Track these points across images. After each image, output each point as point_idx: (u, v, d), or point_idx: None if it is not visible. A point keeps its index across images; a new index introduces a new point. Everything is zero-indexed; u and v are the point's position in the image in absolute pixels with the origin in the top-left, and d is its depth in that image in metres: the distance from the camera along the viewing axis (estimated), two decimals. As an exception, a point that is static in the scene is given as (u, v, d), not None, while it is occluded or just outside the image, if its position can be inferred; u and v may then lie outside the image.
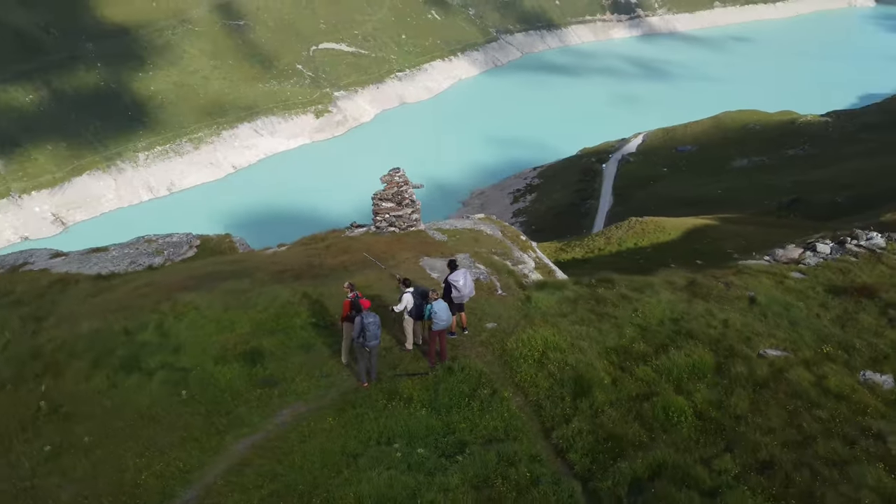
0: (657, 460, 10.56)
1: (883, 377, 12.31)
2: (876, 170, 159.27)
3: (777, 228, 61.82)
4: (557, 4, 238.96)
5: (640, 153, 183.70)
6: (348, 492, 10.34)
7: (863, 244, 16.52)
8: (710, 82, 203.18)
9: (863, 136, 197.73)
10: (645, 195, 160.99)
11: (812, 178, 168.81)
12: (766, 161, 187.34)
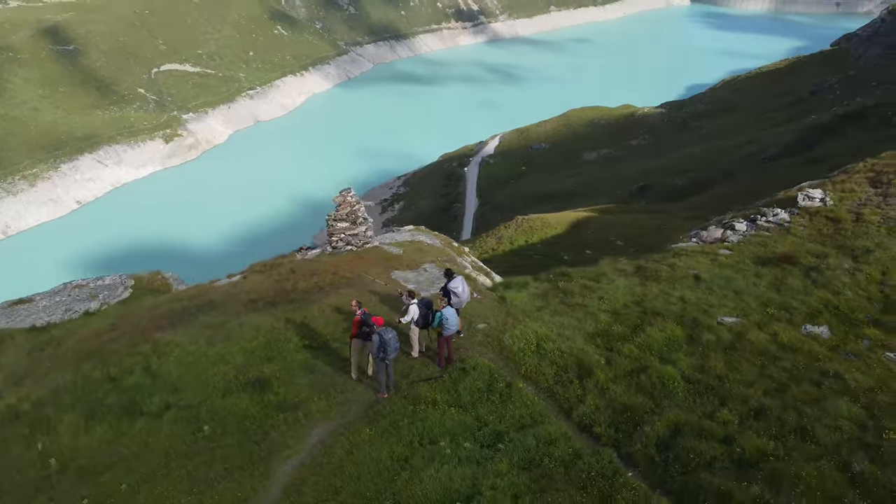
0: (673, 421, 12.26)
1: (820, 328, 14.78)
2: (706, 153, 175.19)
3: (645, 214, 67.34)
4: (403, 15, 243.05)
5: (498, 154, 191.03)
6: (415, 490, 11.22)
7: (771, 220, 19.35)
8: (557, 83, 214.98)
9: (693, 123, 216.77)
10: (507, 194, 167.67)
11: (655, 165, 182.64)
12: (613, 153, 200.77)
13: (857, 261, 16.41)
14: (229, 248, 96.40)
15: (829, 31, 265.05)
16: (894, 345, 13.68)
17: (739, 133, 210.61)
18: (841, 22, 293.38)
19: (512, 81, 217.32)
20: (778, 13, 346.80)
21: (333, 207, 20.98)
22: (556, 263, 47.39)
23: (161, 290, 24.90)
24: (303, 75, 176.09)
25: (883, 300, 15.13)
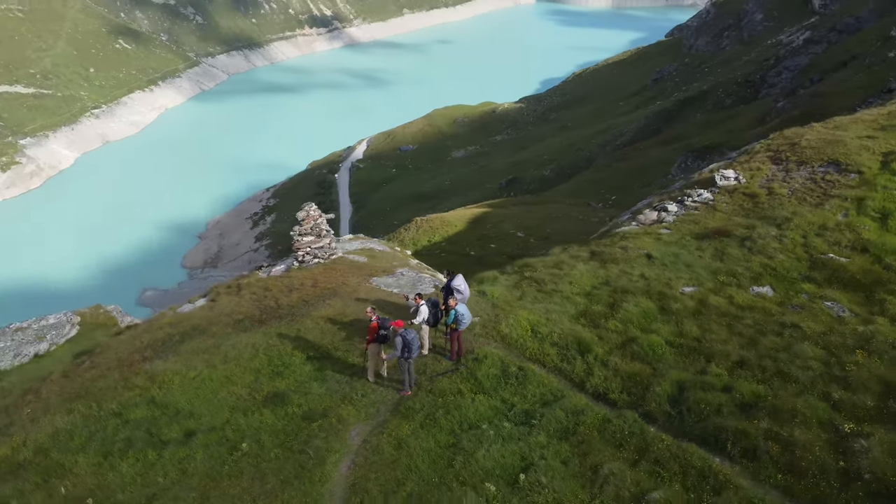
0: (675, 379, 14.14)
1: (765, 288, 17.29)
2: (563, 144, 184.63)
3: (533, 206, 70.88)
4: (255, 23, 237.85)
5: (367, 158, 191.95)
6: (475, 470, 12.37)
7: (697, 200, 21.96)
8: (420, 84, 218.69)
9: (551, 115, 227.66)
10: (381, 197, 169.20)
11: (520, 158, 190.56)
12: (480, 149, 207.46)
13: (780, 228, 19.18)
14: (92, 282, 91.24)
15: (664, 23, 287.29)
16: (828, 295, 16.34)
17: (595, 122, 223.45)
18: (672, 14, 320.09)
19: (377, 85, 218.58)
20: (618, 8, 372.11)
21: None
22: (464, 259, 49.36)
23: (107, 325, 24.19)
24: (153, 90, 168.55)
25: (808, 259, 17.89)
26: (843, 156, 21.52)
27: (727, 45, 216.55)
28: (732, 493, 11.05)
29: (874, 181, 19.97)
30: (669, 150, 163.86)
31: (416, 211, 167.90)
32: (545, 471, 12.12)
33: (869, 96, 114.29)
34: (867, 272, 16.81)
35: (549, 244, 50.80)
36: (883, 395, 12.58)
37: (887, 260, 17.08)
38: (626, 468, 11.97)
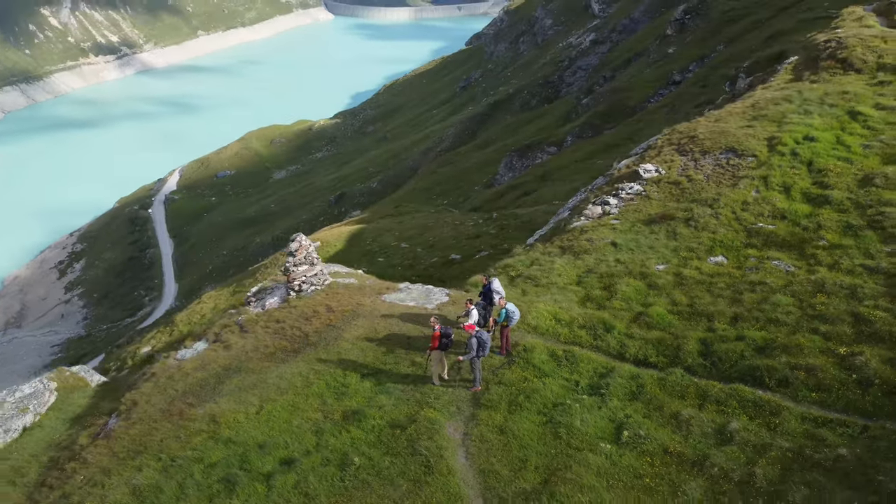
0: (696, 338, 17.29)
1: (719, 258, 21.10)
2: (386, 155, 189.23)
3: (399, 216, 73.08)
4: (29, 55, 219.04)
5: (182, 189, 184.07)
6: (582, 437, 14.64)
7: (630, 192, 25.56)
8: (231, 107, 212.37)
9: (368, 128, 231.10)
10: (204, 227, 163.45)
11: (345, 173, 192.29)
12: (301, 168, 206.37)
13: (712, 207, 23.24)
14: None
15: (462, 32, 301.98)
16: (772, 256, 20.41)
17: (413, 131, 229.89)
18: (468, 23, 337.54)
19: (185, 111, 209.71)
20: (418, 20, 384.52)
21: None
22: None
23: (80, 386, 23.27)
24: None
25: (744, 230, 22.00)
26: (736, 143, 26.24)
27: (524, 49, 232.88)
28: (787, 413, 14.27)
29: (769, 162, 24.74)
30: (490, 152, 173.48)
31: (245, 237, 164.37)
32: (637, 426, 14.66)
33: (660, 88, 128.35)
34: (792, 234, 21.15)
35: (437, 252, 53.58)
36: (854, 323, 16.50)
37: (803, 223, 21.56)
38: (697, 412, 14.84)
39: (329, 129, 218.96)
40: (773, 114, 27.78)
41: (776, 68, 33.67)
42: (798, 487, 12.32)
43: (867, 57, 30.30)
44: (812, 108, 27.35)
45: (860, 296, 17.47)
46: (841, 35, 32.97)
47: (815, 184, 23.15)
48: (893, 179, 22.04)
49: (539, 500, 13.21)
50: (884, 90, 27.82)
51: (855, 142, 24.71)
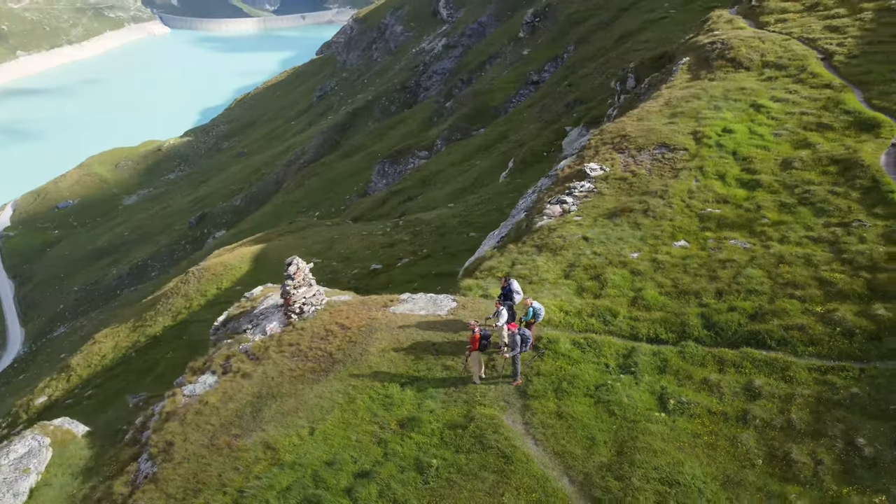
0: (695, 313, 19.65)
1: (682, 242, 23.82)
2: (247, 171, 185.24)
3: (295, 233, 72.23)
4: None
5: (18, 224, 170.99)
6: (632, 410, 16.51)
7: (583, 190, 27.84)
8: (69, 130, 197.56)
9: (224, 144, 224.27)
10: (49, 263, 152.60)
11: (204, 193, 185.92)
12: (154, 191, 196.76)
13: (663, 198, 26.01)
14: None
15: (311, 41, 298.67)
16: (728, 236, 23.36)
17: (272, 144, 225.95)
18: (316, 32, 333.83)
19: (14, 139, 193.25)
20: (264, 30, 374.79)
21: (285, 278, 22.46)
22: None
23: (68, 439, 22.26)
24: None
25: (696, 216, 24.89)
26: (666, 139, 29.35)
27: (378, 56, 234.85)
28: (794, 367, 16.90)
29: (700, 154, 27.97)
30: (357, 160, 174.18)
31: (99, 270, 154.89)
32: (677, 395, 16.75)
33: (519, 88, 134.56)
34: (739, 216, 24.27)
35: (355, 264, 54.06)
36: (820, 285, 19.55)
37: (744, 205, 24.77)
38: (721, 376, 17.17)
39: (181, 148, 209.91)
40: (689, 110, 31.25)
41: (672, 69, 37.53)
42: (833, 424, 14.85)
43: (752, 56, 34.69)
44: (721, 104, 31.07)
45: (815, 262, 20.63)
46: (723, 37, 37.39)
47: (744, 170, 26.54)
48: (808, 162, 25.80)
49: (621, 468, 14.90)
50: (773, 84, 32.11)
51: (766, 131, 28.49)
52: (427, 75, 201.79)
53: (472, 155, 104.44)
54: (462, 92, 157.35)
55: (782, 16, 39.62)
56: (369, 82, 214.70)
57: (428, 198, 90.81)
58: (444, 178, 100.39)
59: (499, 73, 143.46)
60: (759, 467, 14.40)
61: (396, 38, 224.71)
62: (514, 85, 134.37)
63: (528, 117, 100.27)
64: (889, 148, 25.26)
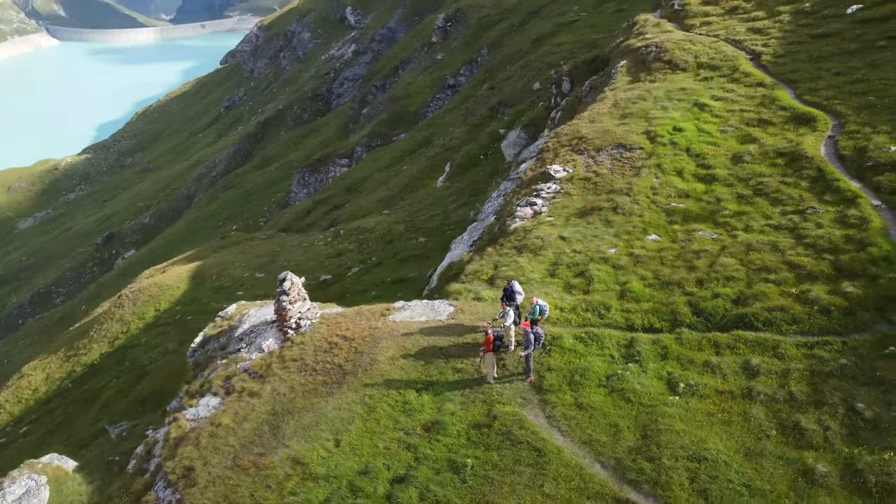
0: (683, 302, 21.04)
1: (653, 236, 25.33)
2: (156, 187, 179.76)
3: (230, 248, 70.62)
4: None
5: None
6: (646, 396, 17.66)
7: (550, 192, 28.97)
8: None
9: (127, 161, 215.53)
10: None
11: (110, 212, 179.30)
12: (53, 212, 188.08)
13: (629, 196, 27.48)
14: None
15: (213, 50, 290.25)
16: (695, 228, 25.02)
17: (180, 158, 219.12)
18: (219, 40, 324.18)
19: None
20: (162, 40, 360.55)
21: (279, 293, 22.49)
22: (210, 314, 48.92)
23: (60, 475, 21.53)
24: None
25: (662, 210, 26.48)
26: (621, 139, 30.96)
27: (286, 64, 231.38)
28: (783, 344, 18.49)
29: (656, 152, 29.70)
30: (273, 171, 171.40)
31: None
32: (684, 378, 18.04)
33: (436, 93, 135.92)
34: (702, 209, 26.02)
35: (303, 276, 53.43)
36: (790, 269, 21.35)
37: (705, 198, 26.56)
38: (720, 358, 18.58)
39: (80, 167, 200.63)
40: (638, 111, 33.05)
41: (611, 72, 39.42)
42: (831, 393, 16.44)
43: (687, 58, 36.96)
44: (667, 104, 33.02)
45: (781, 248, 22.47)
46: (656, 40, 39.59)
47: (699, 166, 28.41)
48: (757, 155, 27.89)
49: (650, 450, 15.99)
50: (711, 84, 34.38)
51: (713, 129, 30.55)
52: (339, 82, 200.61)
53: (397, 160, 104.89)
54: (378, 98, 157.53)
55: (706, 19, 42.30)
56: (279, 91, 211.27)
57: (357, 205, 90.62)
58: (372, 184, 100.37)
59: (414, 78, 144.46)
60: (774, 437, 15.79)
61: (305, 46, 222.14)
62: (430, 89, 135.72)
63: (451, 121, 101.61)
64: (826, 140, 27.67)
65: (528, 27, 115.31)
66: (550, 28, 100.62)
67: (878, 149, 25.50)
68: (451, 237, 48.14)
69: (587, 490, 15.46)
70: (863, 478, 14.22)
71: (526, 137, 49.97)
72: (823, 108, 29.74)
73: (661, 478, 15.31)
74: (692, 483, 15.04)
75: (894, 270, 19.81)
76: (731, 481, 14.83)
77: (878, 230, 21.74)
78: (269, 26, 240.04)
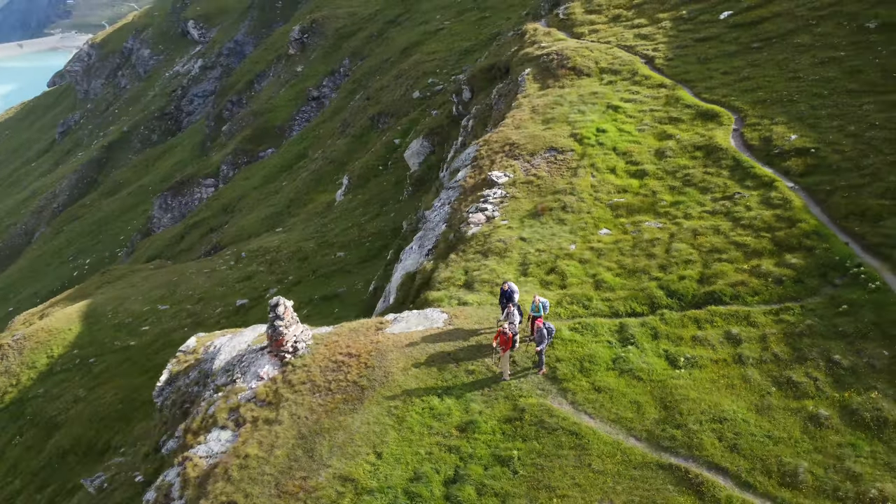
0: (655, 286, 23.43)
1: (605, 230, 27.67)
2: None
3: (121, 279, 66.33)
4: None
5: None
6: (655, 373, 19.71)
7: (497, 197, 30.50)
8: None
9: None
10: None
11: None
12: None
13: (573, 195, 29.68)
14: None
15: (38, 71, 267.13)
16: (641, 220, 27.63)
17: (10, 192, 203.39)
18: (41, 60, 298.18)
19: None
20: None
21: (272, 319, 22.53)
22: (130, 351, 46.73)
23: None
24: None
25: (607, 206, 28.92)
26: (552, 143, 33.22)
27: (126, 83, 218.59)
28: (753, 314, 21.21)
29: (586, 153, 32.20)
30: (126, 197, 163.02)
31: None
32: (681, 353, 20.28)
33: (301, 106, 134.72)
34: (641, 202, 28.74)
35: (215, 302, 51.90)
36: (737, 248, 24.30)
37: (641, 192, 29.32)
38: (703, 332, 21.02)
39: None
40: (559, 116, 35.54)
41: (518, 80, 41.81)
42: (809, 350, 19.23)
43: (589, 64, 40.05)
44: (583, 108, 35.78)
45: (723, 231, 25.47)
46: (556, 48, 42.48)
47: (628, 163, 31.22)
48: (676, 150, 31.10)
49: (675, 419, 17.99)
50: (617, 87, 37.58)
51: (630, 128, 33.57)
52: (188, 99, 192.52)
53: (273, 177, 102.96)
54: (237, 113, 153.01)
55: (593, 27, 45.86)
56: (121, 112, 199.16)
57: (238, 226, 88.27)
58: (250, 203, 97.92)
59: (275, 92, 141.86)
60: (775, 393, 18.28)
61: (145, 63, 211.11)
62: (294, 102, 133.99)
63: (326, 133, 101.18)
64: (733, 132, 31.37)
65: (390, 36, 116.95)
66: (417, 37, 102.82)
67: (781, 138, 29.36)
68: (370, 249, 48.83)
69: (631, 462, 17.16)
70: (859, 415, 16.93)
71: (429, 146, 51.47)
72: (723, 104, 33.59)
73: (693, 441, 17.30)
74: (721, 441, 17.15)
75: (825, 241, 23.19)
76: (755, 434, 17.08)
77: (801, 208, 25.23)
78: (103, 43, 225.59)
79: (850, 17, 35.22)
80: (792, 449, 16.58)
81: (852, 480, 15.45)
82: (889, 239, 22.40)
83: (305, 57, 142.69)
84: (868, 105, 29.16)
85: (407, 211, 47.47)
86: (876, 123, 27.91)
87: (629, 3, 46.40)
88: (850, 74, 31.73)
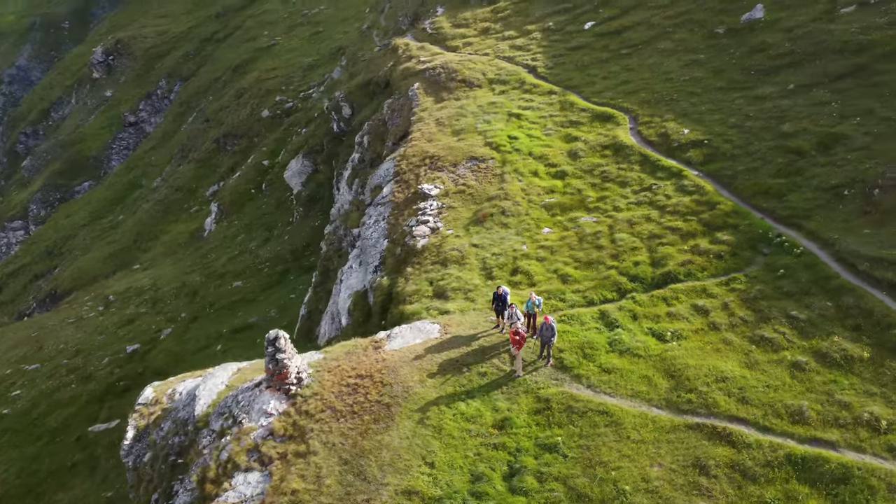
0: (616, 273, 26.07)
1: (546, 229, 30.00)
2: None
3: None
4: None
5: None
6: (647, 347, 22.26)
7: (434, 208, 31.61)
8: None
9: None
10: None
11: None
12: None
13: (508, 200, 31.65)
14: None
15: None
16: (577, 216, 30.29)
17: None
18: None
19: None
20: None
21: (272, 352, 22.29)
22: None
23: None
24: None
25: (542, 207, 31.27)
26: (470, 153, 35.00)
27: None
28: (708, 287, 24.52)
29: (506, 159, 34.37)
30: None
31: None
32: (664, 329, 23.02)
33: (118, 132, 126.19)
34: (571, 200, 31.46)
35: (96, 355, 47.75)
36: (672, 232, 27.65)
37: (567, 191, 32.05)
38: (674, 308, 23.95)
39: None
40: (466, 126, 37.48)
41: (409, 94, 43.17)
42: (769, 310, 22.69)
43: (477, 76, 42.41)
44: (488, 118, 38.00)
45: (654, 219, 28.80)
46: (439, 62, 44.38)
47: (547, 165, 33.89)
48: (587, 150, 34.28)
49: (684, 384, 20.56)
50: (511, 96, 40.27)
51: (538, 133, 36.32)
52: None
53: (104, 212, 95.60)
54: (38, 146, 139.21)
55: (466, 40, 48.37)
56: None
57: (76, 268, 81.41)
58: (82, 243, 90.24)
59: (83, 120, 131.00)
60: (756, 350, 21.46)
61: None
62: (108, 129, 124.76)
63: (161, 160, 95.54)
64: (630, 130, 35.12)
65: (212, 54, 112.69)
66: (248, 54, 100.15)
67: (676, 133, 33.47)
68: (270, 276, 47.78)
69: (663, 427, 19.43)
70: (830, 357, 20.49)
71: (311, 165, 51.16)
72: (613, 106, 37.38)
73: (707, 401, 19.93)
74: (730, 397, 19.93)
75: (745, 219, 27.15)
76: (755, 387, 20.05)
77: (713, 192, 29.18)
78: None
79: (700, 24, 40.66)
80: (789, 393, 19.69)
81: (846, 409, 18.81)
82: (796, 211, 26.73)
83: (114, 80, 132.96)
84: (739, 100, 34.09)
85: (302, 233, 47.02)
86: (750, 115, 32.77)
87: (494, 17, 49.47)
88: (715, 74, 36.79)
